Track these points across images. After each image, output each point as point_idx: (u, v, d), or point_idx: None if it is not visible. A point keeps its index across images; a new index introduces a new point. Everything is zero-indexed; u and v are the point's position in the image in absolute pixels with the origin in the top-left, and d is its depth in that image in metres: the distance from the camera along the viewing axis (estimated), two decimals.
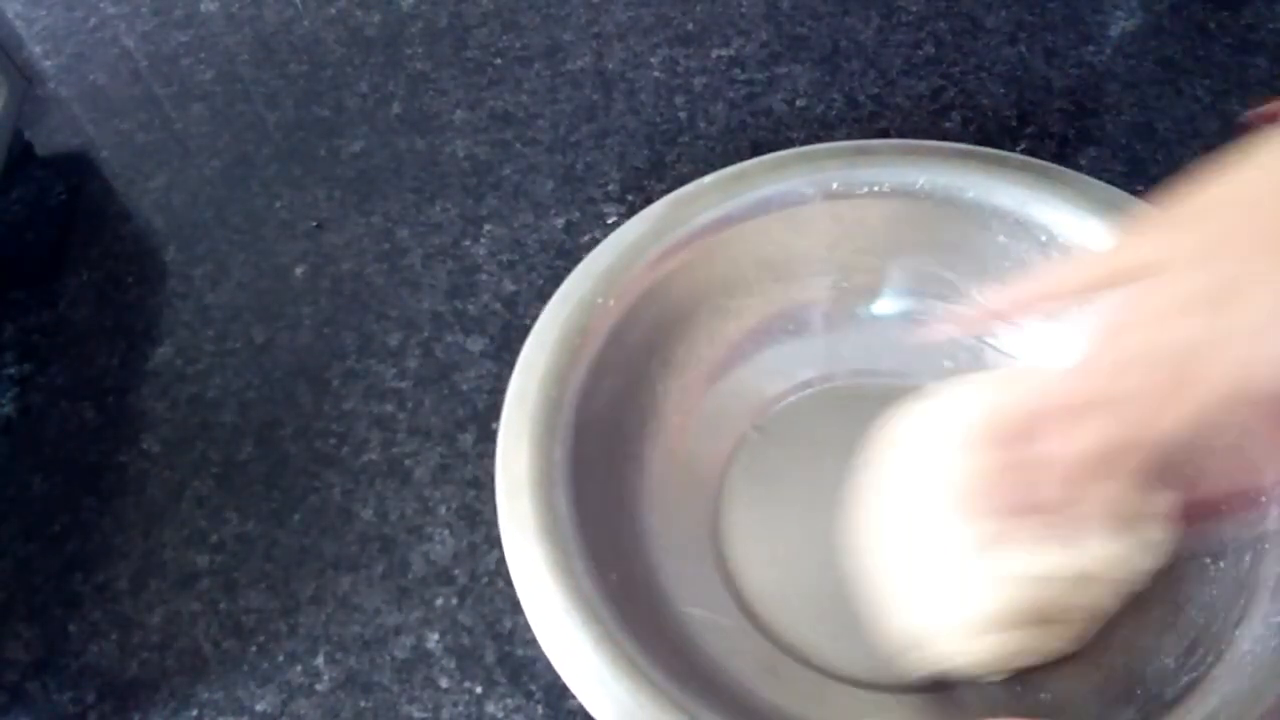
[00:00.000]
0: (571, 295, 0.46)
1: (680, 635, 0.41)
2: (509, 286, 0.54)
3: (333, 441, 0.50)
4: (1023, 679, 0.40)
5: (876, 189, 0.48)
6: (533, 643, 0.43)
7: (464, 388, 0.51)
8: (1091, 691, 0.40)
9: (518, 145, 0.61)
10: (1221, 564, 0.40)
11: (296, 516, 0.47)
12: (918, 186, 0.48)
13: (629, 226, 0.48)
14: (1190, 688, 0.37)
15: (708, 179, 0.50)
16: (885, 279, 0.50)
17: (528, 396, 0.43)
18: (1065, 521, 0.36)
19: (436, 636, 0.44)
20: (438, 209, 0.58)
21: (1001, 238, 0.48)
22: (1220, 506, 0.40)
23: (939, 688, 0.41)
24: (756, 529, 0.45)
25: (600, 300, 0.46)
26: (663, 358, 0.47)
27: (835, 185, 0.49)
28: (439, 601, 0.45)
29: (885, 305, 0.50)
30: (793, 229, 0.49)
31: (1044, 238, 0.47)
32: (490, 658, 0.43)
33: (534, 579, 0.39)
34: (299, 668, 0.43)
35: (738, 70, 0.64)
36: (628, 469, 0.45)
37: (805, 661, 0.42)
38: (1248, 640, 0.37)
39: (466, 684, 0.42)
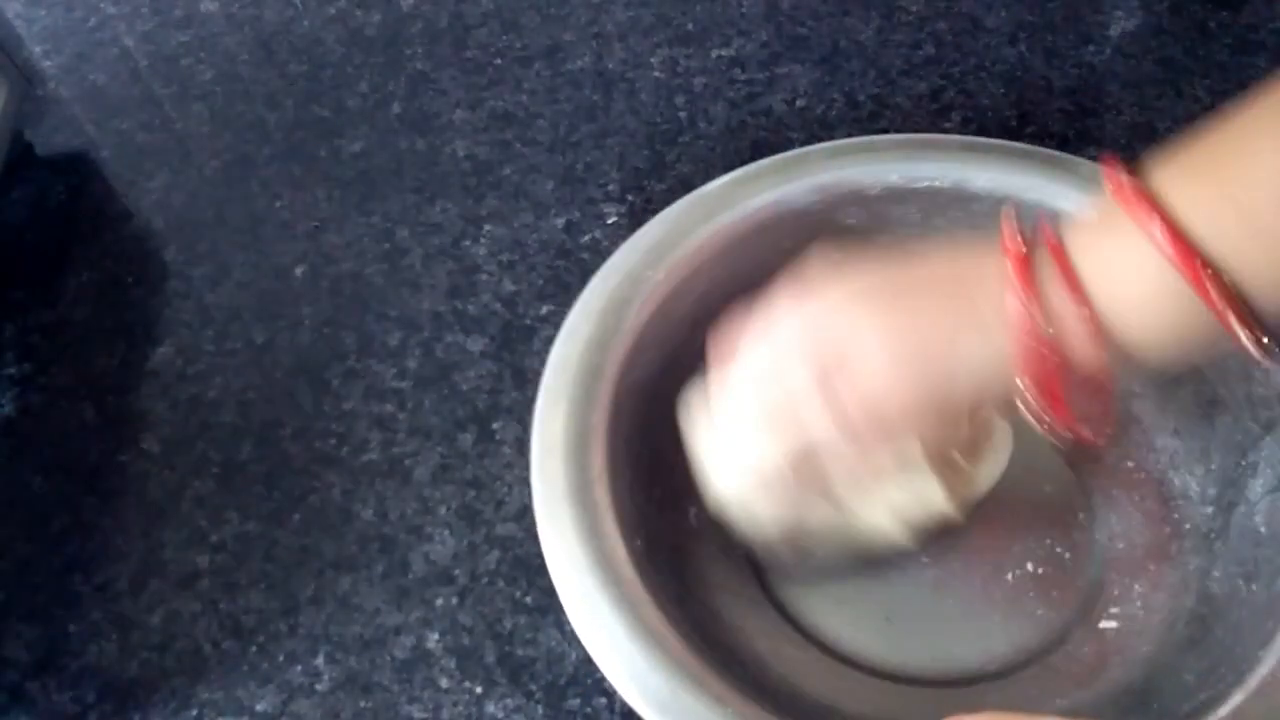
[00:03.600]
0: (620, 266, 0.46)
1: (700, 605, 0.41)
2: (509, 286, 0.54)
3: (333, 441, 0.50)
4: (1040, 685, 0.41)
5: (936, 183, 0.48)
6: (533, 643, 0.43)
7: (464, 388, 0.51)
8: (1108, 701, 0.40)
9: (518, 145, 0.61)
10: (1254, 586, 0.40)
11: (296, 516, 0.47)
12: (971, 185, 0.48)
13: (681, 204, 0.48)
14: (1207, 705, 0.36)
15: (765, 161, 0.49)
16: None
17: (569, 362, 0.43)
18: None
19: (436, 636, 0.44)
20: (438, 209, 0.58)
21: None
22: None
23: (957, 682, 0.41)
24: None
25: (649, 273, 0.46)
26: (706, 333, 0.47)
27: (895, 177, 0.48)
28: (439, 601, 0.45)
29: None
30: (846, 218, 0.49)
31: None
32: (490, 658, 0.43)
33: (559, 536, 0.39)
34: (299, 668, 0.43)
35: (738, 70, 0.64)
36: (663, 440, 0.45)
37: (823, 645, 0.42)
38: (1270, 663, 0.37)
39: (466, 684, 0.42)
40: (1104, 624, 0.42)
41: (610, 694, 0.41)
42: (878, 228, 0.49)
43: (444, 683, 0.43)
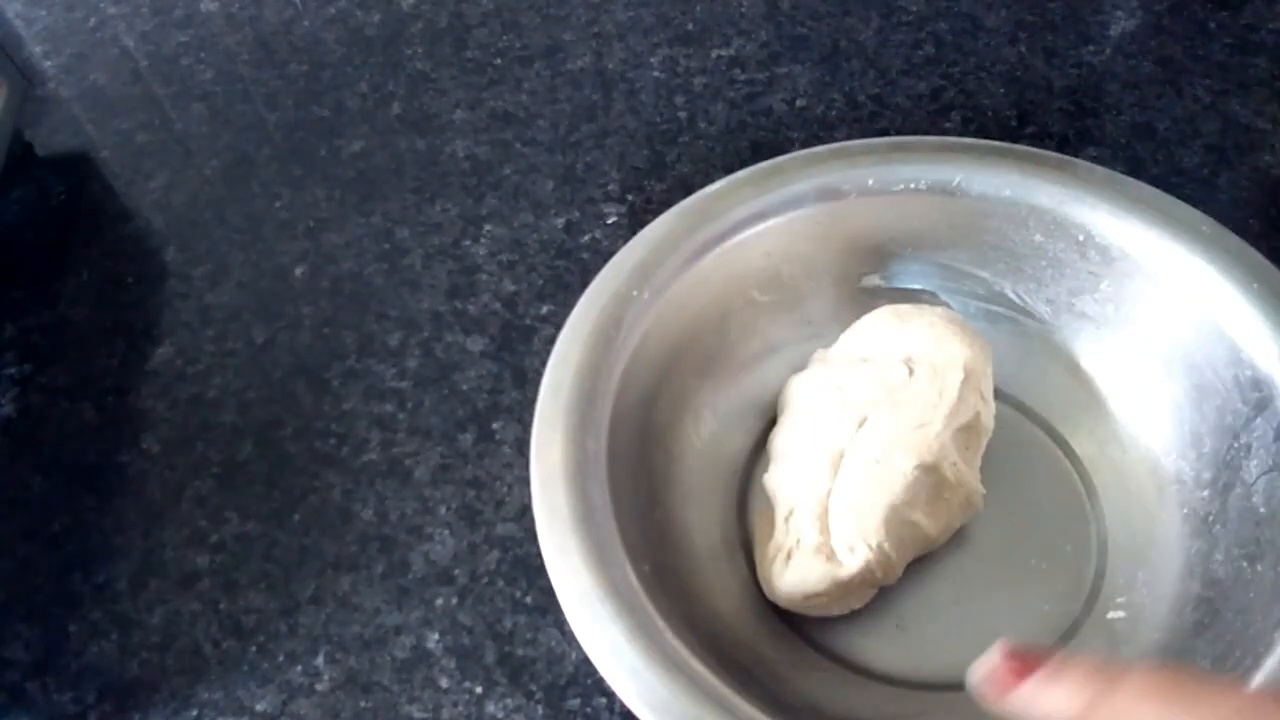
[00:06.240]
0: (605, 289, 0.46)
1: (711, 627, 0.41)
2: (509, 286, 0.54)
3: (333, 441, 0.50)
4: None
5: (913, 186, 0.48)
6: (533, 643, 0.43)
7: (464, 388, 0.51)
8: None
9: (518, 145, 0.61)
10: (1259, 567, 0.40)
11: (296, 516, 0.47)
12: (954, 184, 0.48)
13: (663, 220, 0.48)
14: None
15: (743, 173, 0.49)
16: (920, 277, 0.50)
17: (562, 389, 0.43)
18: None
19: (436, 636, 0.44)
20: (438, 209, 0.58)
21: (1038, 236, 0.48)
22: None
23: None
24: None
25: (635, 293, 0.46)
26: (695, 350, 0.47)
27: (871, 182, 0.48)
28: (439, 601, 0.45)
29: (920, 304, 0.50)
30: (827, 225, 0.49)
31: (1081, 237, 0.47)
32: (490, 658, 0.43)
33: (568, 569, 0.39)
34: (299, 668, 0.43)
35: (738, 70, 0.64)
36: (660, 461, 0.45)
37: (836, 657, 0.42)
38: None
39: (466, 684, 0.42)
40: (1112, 614, 0.42)
41: (610, 694, 0.41)
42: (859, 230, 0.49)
43: (444, 683, 0.43)
